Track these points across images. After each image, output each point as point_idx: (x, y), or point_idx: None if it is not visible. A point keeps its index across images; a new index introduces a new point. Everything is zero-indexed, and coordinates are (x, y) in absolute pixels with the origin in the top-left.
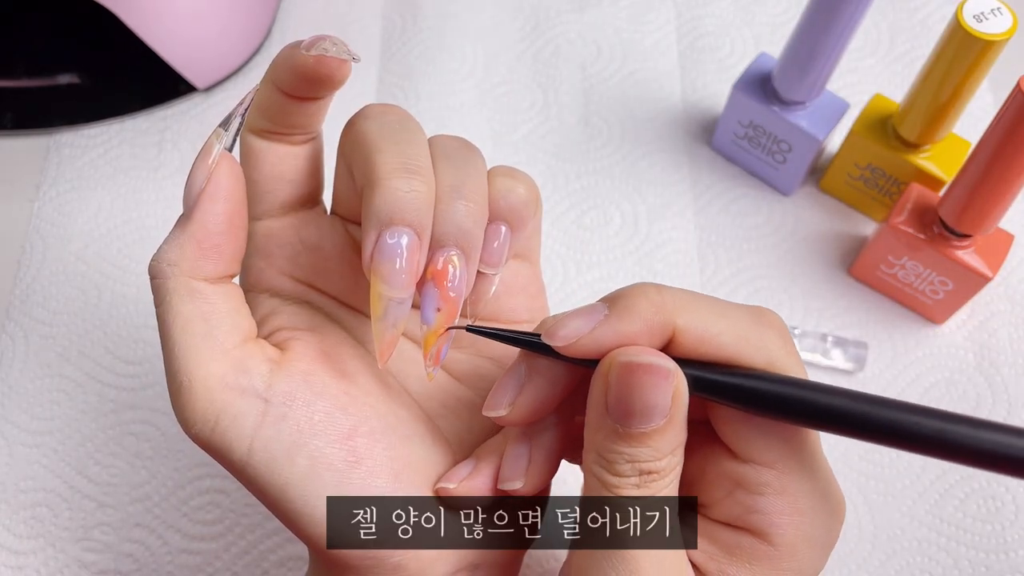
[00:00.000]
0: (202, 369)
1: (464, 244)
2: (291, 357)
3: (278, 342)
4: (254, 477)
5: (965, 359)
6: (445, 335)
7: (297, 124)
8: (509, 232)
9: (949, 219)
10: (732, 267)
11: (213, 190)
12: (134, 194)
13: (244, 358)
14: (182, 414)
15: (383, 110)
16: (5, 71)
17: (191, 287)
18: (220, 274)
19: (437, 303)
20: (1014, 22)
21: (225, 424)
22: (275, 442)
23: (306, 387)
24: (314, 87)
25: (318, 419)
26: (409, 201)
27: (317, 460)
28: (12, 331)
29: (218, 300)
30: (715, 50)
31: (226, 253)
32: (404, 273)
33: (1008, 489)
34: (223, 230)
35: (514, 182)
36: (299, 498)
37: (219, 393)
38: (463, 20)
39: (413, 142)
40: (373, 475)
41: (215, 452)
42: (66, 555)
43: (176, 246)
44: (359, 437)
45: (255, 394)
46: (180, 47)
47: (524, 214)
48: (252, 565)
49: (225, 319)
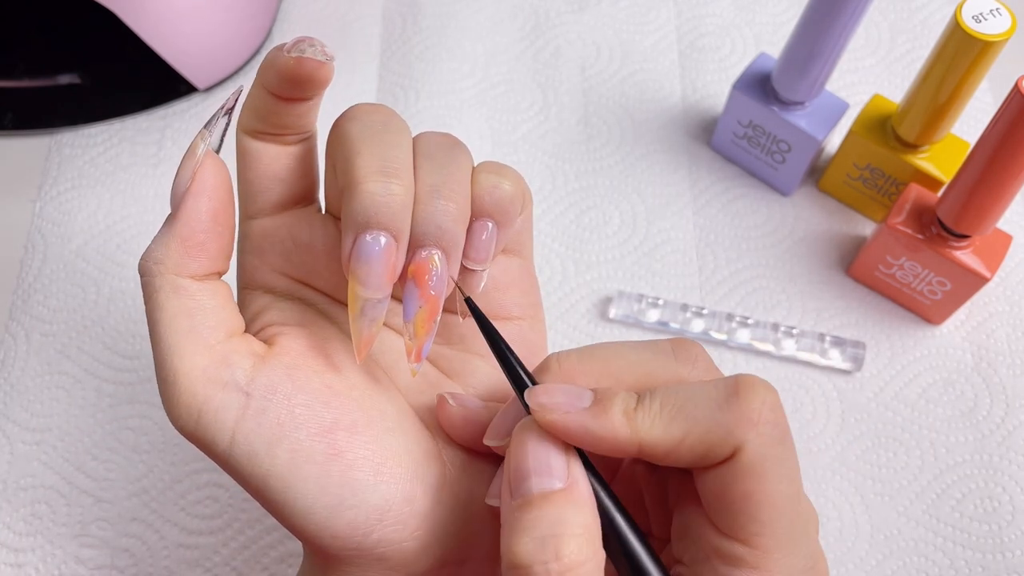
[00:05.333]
0: (185, 363)
1: (444, 243)
2: (276, 351)
3: (267, 337)
4: (237, 468)
5: (963, 360)
6: (427, 333)
7: (288, 124)
8: (496, 228)
9: (948, 220)
10: (731, 267)
11: (198, 189)
12: (133, 190)
13: (227, 353)
14: (168, 407)
15: (368, 110)
16: (5, 71)
17: (176, 284)
18: (205, 271)
19: (418, 302)
20: (1013, 23)
21: (208, 417)
22: (255, 435)
23: (288, 381)
24: (298, 88)
25: (299, 412)
26: (385, 204)
27: (297, 453)
28: (15, 331)
29: (203, 296)
30: (715, 50)
31: (211, 250)
32: (380, 275)
33: (1005, 489)
34: (207, 228)
35: (499, 178)
36: (281, 490)
37: (201, 386)
38: (463, 20)
39: (394, 143)
40: (353, 468)
41: (200, 444)
42: (64, 551)
43: (162, 244)
44: (340, 431)
45: (236, 387)
46: (180, 47)
47: (510, 210)
48: (251, 560)
49: (210, 315)
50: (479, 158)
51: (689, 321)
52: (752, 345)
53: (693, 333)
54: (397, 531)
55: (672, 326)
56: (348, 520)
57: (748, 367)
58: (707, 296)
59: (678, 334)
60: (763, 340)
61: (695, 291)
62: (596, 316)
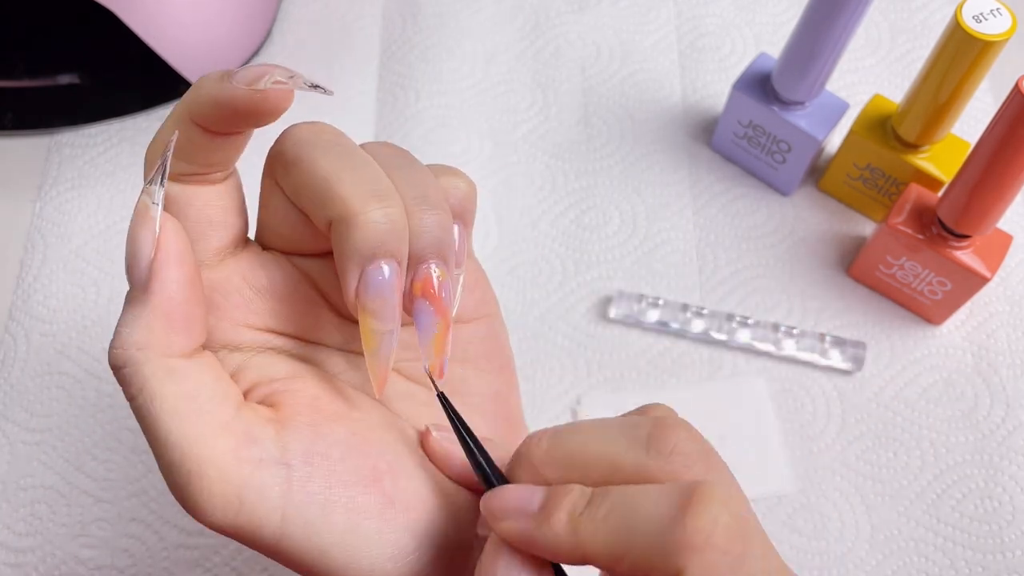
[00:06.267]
0: (208, 450)
1: (443, 253)
2: (289, 413)
3: (262, 399)
4: (291, 549)
5: (963, 360)
6: (446, 345)
7: (217, 162)
8: (463, 229)
9: (948, 220)
10: (731, 267)
11: (164, 257)
12: (133, 190)
13: (247, 427)
14: (197, 504)
15: (316, 130)
16: (5, 71)
17: (169, 367)
18: (194, 346)
19: (435, 317)
20: (1013, 22)
21: (252, 501)
22: (308, 506)
23: (319, 440)
24: (248, 120)
25: (341, 469)
26: (389, 232)
27: (353, 512)
28: (14, 331)
29: (200, 374)
30: (715, 50)
31: (196, 322)
32: (394, 305)
33: (1005, 490)
34: (187, 297)
35: (456, 179)
36: (342, 556)
37: (236, 471)
38: (463, 20)
39: (366, 163)
40: (408, 510)
41: (244, 534)
42: (63, 551)
43: (142, 327)
44: (383, 476)
45: (274, 461)
46: (180, 47)
47: (472, 209)
48: (251, 560)
49: (213, 393)
50: (479, 158)
51: (689, 321)
52: (752, 345)
53: (693, 333)
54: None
55: (672, 326)
56: (418, 557)
57: (748, 367)
58: (707, 296)
59: (678, 334)
60: (763, 340)
61: (695, 291)
62: (596, 316)
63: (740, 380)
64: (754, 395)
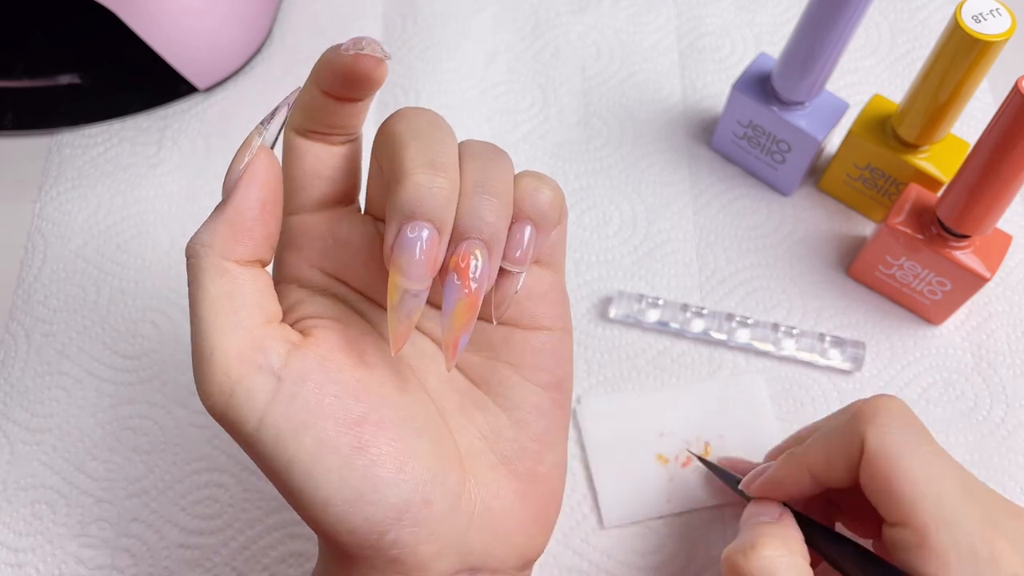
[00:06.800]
0: (223, 342)
1: (487, 237)
2: (311, 342)
3: (302, 329)
4: (261, 451)
5: (963, 360)
6: (464, 325)
7: (337, 124)
8: (535, 231)
9: (947, 220)
10: (731, 267)
11: (249, 178)
12: (133, 191)
13: (264, 337)
14: (200, 384)
15: (416, 112)
16: (5, 71)
17: (221, 267)
18: (250, 257)
19: (459, 293)
20: (1013, 23)
21: (239, 396)
22: (284, 419)
23: (320, 370)
24: (353, 87)
25: (328, 402)
26: (431, 196)
27: (323, 442)
28: (15, 331)
29: (245, 281)
30: (715, 50)
31: (257, 237)
32: (422, 265)
33: (1005, 490)
34: (255, 215)
35: (541, 183)
36: (302, 477)
37: (236, 366)
38: (463, 20)
39: (441, 140)
40: (376, 464)
41: (227, 423)
42: (64, 551)
43: (210, 228)
44: (367, 425)
45: (270, 371)
46: (181, 47)
47: (550, 215)
48: (252, 560)
49: (250, 299)
50: None
51: (689, 321)
52: (752, 345)
53: (693, 333)
54: (413, 533)
55: (672, 326)
56: (366, 516)
57: (748, 367)
58: (707, 296)
59: (678, 334)
60: (763, 340)
61: (695, 291)
62: (596, 316)
63: (740, 379)
64: (754, 395)
